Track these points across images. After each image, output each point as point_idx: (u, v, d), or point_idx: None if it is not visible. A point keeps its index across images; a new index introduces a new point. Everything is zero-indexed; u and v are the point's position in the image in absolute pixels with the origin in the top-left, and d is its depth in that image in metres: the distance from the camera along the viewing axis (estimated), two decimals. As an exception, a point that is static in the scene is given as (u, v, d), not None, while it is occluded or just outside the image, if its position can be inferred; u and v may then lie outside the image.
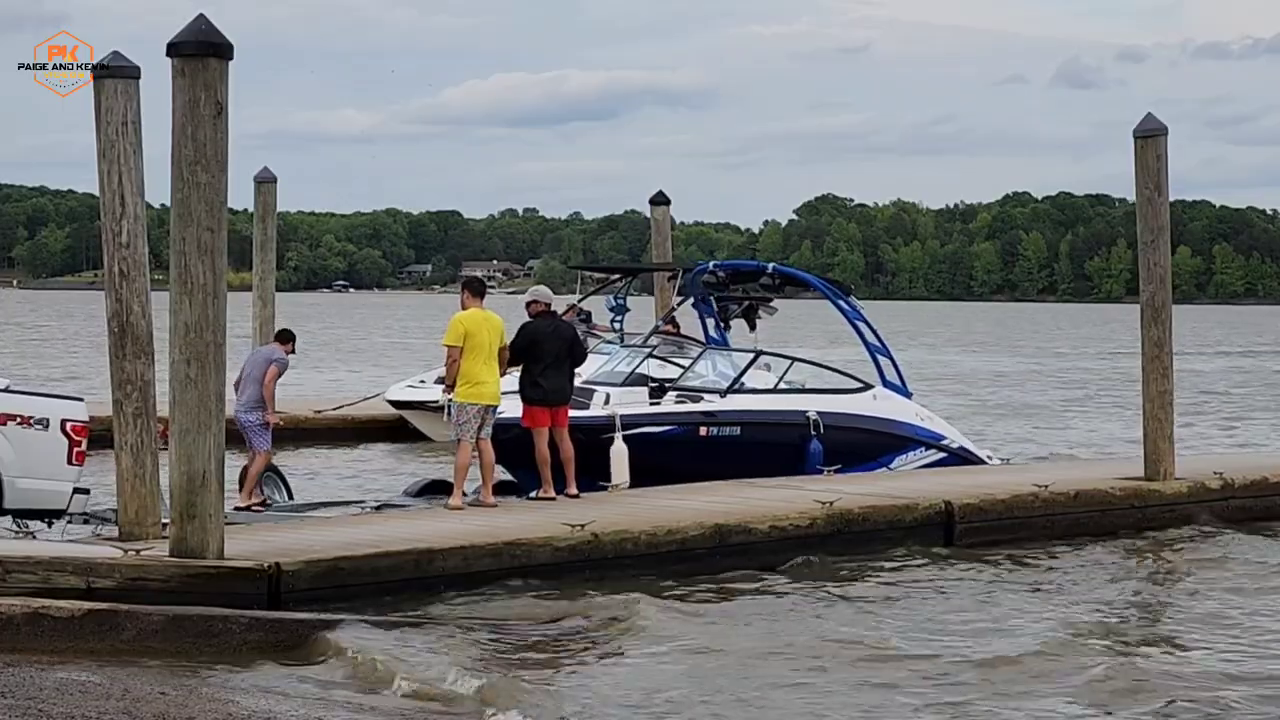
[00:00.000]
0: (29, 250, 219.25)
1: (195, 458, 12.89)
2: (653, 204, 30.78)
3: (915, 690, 11.45)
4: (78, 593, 12.32)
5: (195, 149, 12.83)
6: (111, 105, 13.88)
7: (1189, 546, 17.84)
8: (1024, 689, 11.54)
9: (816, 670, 11.96)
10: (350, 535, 14.52)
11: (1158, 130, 19.19)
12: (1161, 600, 15.23)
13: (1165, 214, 19.36)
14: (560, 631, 13.06)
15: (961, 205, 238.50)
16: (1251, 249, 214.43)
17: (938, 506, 17.42)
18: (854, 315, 21.86)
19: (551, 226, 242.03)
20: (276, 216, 29.65)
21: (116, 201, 13.94)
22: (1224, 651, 12.86)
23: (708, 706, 10.97)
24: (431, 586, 13.80)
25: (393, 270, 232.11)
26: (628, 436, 18.50)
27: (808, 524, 16.41)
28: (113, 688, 10.38)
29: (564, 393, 17.44)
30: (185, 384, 12.92)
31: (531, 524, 15.32)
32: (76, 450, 14.94)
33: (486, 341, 16.67)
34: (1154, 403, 19.34)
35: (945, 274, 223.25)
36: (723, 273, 22.98)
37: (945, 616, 13.98)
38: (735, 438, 19.55)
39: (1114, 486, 18.97)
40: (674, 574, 15.10)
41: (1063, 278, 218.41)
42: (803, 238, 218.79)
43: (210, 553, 12.86)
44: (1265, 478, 20.23)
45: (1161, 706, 11.20)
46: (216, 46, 12.94)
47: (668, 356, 21.96)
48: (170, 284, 13.00)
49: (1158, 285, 19.37)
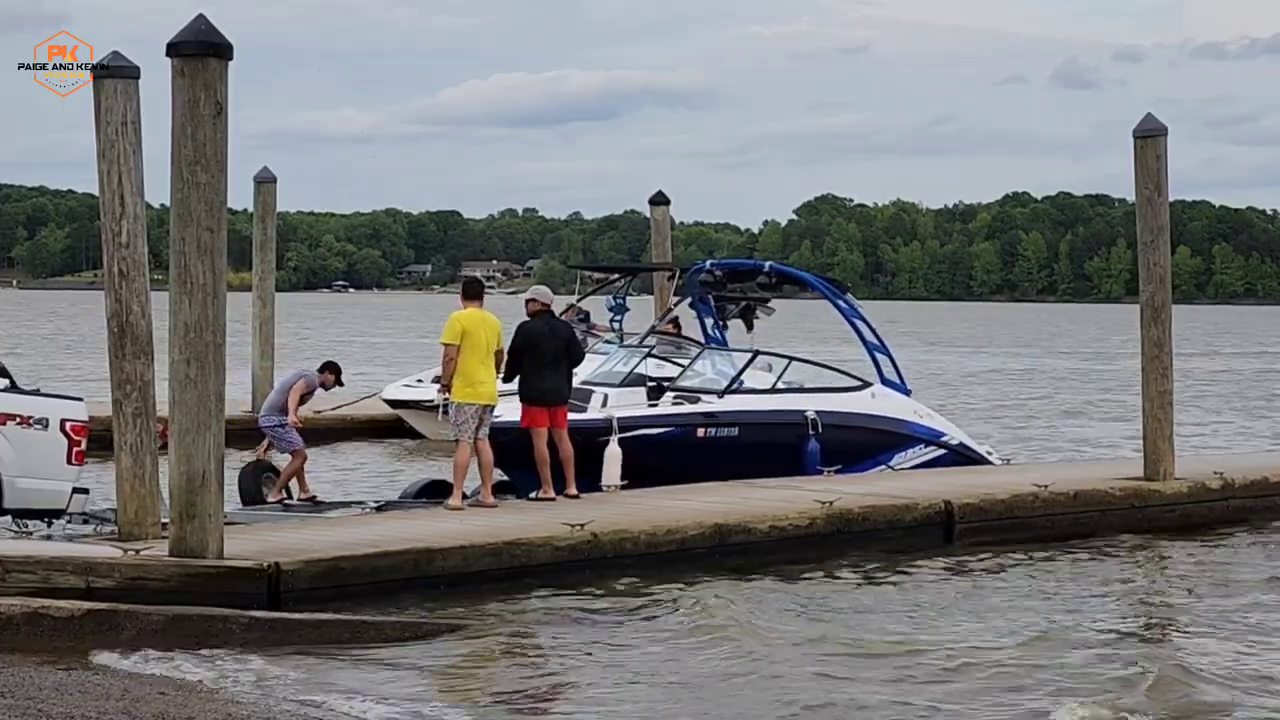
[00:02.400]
0: (29, 250, 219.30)
1: (195, 458, 12.90)
2: (652, 204, 30.74)
3: (914, 690, 11.44)
4: (77, 592, 12.34)
5: (195, 149, 12.84)
6: (111, 105, 13.89)
7: (1189, 547, 17.83)
8: (1024, 690, 11.53)
9: (815, 670, 11.95)
10: (350, 535, 14.53)
11: (1157, 130, 19.21)
12: (1162, 601, 15.22)
13: (1165, 214, 19.37)
14: (558, 631, 13.07)
15: (961, 205, 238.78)
16: (1251, 249, 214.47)
17: (937, 506, 17.42)
18: (851, 314, 21.88)
19: (551, 226, 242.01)
20: (276, 216, 29.65)
21: (116, 201, 13.95)
22: (1225, 652, 12.84)
23: (707, 706, 10.97)
24: (431, 586, 13.81)
25: (392, 270, 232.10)
26: (625, 439, 18.48)
27: (807, 524, 16.42)
28: (112, 688, 10.38)
29: (561, 393, 17.44)
30: (185, 384, 12.93)
31: (531, 524, 15.32)
32: (76, 450, 14.95)
33: (484, 341, 16.68)
34: (1154, 403, 19.35)
35: (945, 274, 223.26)
36: (720, 272, 22.98)
37: (945, 617, 13.98)
38: (733, 438, 19.54)
39: (1114, 486, 18.98)
40: (673, 574, 15.11)
41: (1062, 278, 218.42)
42: (802, 238, 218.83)
43: (210, 553, 12.86)
44: (1265, 478, 20.26)
45: (1162, 707, 11.19)
46: (216, 47, 12.95)
47: (666, 356, 21.93)
48: (170, 284, 13.01)
49: (1157, 285, 19.38)
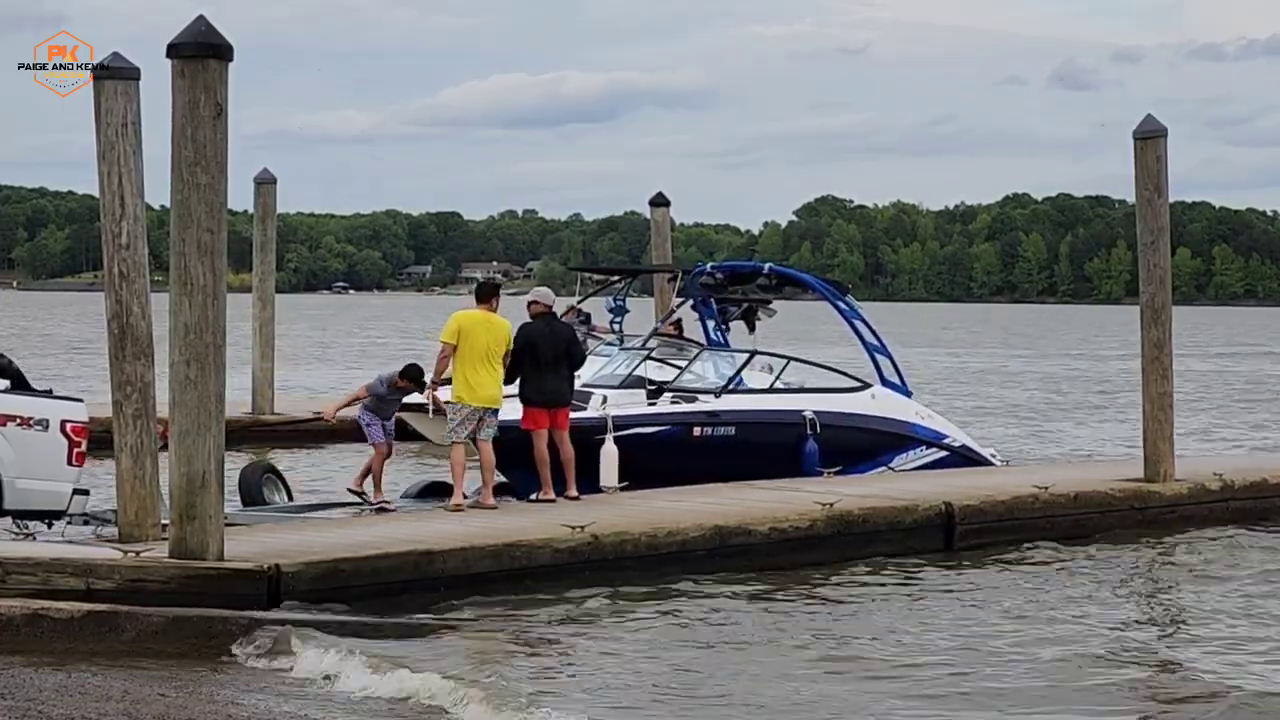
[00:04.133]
0: (29, 251, 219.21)
1: (195, 459, 12.90)
2: (652, 205, 30.75)
3: (914, 691, 11.45)
4: (78, 594, 12.34)
5: (195, 150, 12.84)
6: (111, 106, 13.88)
7: (1189, 548, 17.81)
8: (1024, 691, 11.53)
9: (815, 672, 11.96)
10: (350, 536, 14.53)
11: (1157, 131, 19.21)
12: (1162, 602, 15.22)
13: (1165, 215, 19.37)
14: (558, 632, 13.06)
15: (961, 206, 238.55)
16: (1251, 250, 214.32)
17: (938, 508, 17.41)
18: (851, 315, 21.89)
19: (551, 228, 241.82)
20: (276, 218, 29.67)
21: (116, 203, 13.94)
22: (1225, 653, 12.85)
23: (706, 707, 10.97)
24: (432, 588, 13.80)
25: (392, 271, 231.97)
26: (621, 437, 18.46)
27: (807, 525, 16.41)
28: (113, 689, 10.39)
29: (562, 394, 17.39)
30: (185, 385, 12.93)
31: (531, 525, 15.32)
32: (76, 451, 14.94)
33: (483, 343, 16.63)
34: (1154, 404, 19.34)
35: (945, 275, 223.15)
36: (720, 274, 23.01)
37: (945, 618, 13.97)
38: (730, 438, 19.51)
39: (1114, 488, 18.97)
40: (674, 575, 15.10)
41: (1063, 279, 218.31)
42: (802, 239, 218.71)
43: (210, 554, 12.86)
44: (1265, 479, 20.25)
45: (1163, 709, 11.20)
46: (216, 48, 12.95)
47: (666, 358, 21.91)
48: (170, 285, 13.01)
49: (1158, 286, 19.38)
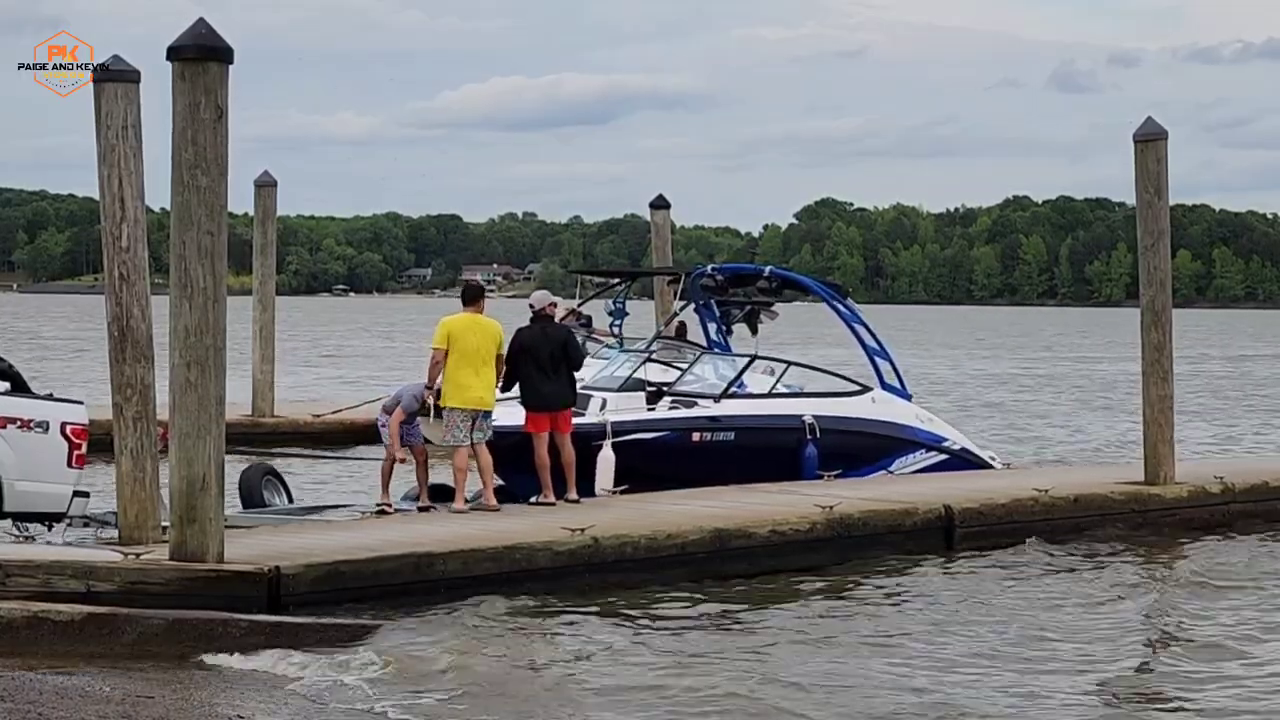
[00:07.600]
0: (29, 254, 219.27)
1: (195, 461, 12.90)
2: (653, 208, 30.73)
3: (914, 693, 11.44)
4: (78, 596, 12.34)
5: (195, 153, 12.85)
6: (111, 109, 13.88)
7: (1189, 551, 17.82)
8: (1023, 693, 11.54)
9: (815, 673, 11.96)
10: (350, 539, 14.52)
11: (1158, 134, 19.21)
12: (1162, 604, 15.21)
13: (1165, 218, 19.37)
14: (557, 635, 13.07)
15: (961, 209, 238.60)
16: (1251, 252, 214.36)
17: (937, 511, 17.41)
18: (851, 318, 21.89)
19: (551, 230, 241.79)
20: (276, 220, 29.68)
21: (116, 205, 13.94)
22: (1225, 655, 12.85)
23: (706, 709, 10.97)
24: (432, 590, 13.79)
25: (393, 274, 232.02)
26: (620, 443, 18.44)
27: (808, 528, 16.41)
28: (113, 691, 10.39)
29: (560, 396, 17.31)
30: (185, 388, 12.93)
31: (531, 528, 15.31)
32: (76, 453, 14.95)
33: (474, 346, 16.58)
34: (1154, 407, 19.34)
35: (945, 278, 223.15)
36: (721, 277, 23.03)
37: (945, 620, 13.97)
38: (729, 443, 19.49)
39: (1114, 491, 18.97)
40: (674, 578, 15.10)
41: (1063, 282, 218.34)
42: (803, 241, 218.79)
43: (210, 556, 12.86)
44: (1265, 482, 20.24)
45: (1163, 711, 11.20)
46: (216, 50, 12.96)
47: (666, 361, 21.91)
48: (170, 288, 13.01)
49: (1158, 289, 19.38)
